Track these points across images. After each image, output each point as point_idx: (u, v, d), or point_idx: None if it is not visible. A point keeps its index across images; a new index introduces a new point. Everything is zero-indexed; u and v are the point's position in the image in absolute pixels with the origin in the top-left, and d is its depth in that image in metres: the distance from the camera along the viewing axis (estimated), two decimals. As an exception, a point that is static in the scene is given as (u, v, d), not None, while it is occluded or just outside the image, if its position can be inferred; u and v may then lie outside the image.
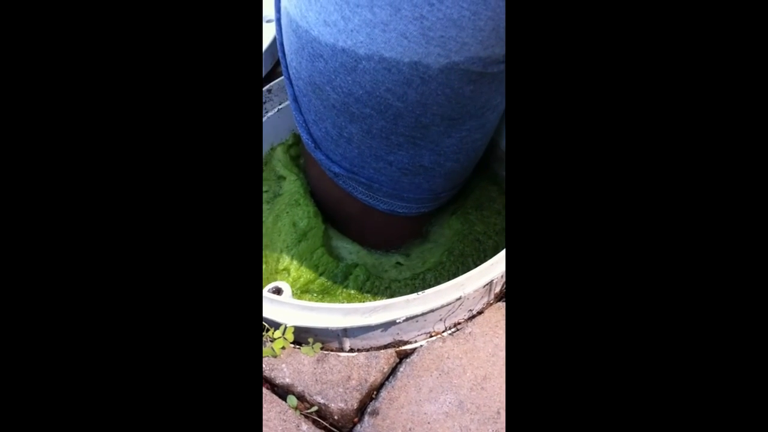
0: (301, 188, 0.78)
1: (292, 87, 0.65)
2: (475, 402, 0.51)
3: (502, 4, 0.49)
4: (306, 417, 0.51)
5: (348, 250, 0.80)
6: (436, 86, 0.55)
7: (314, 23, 0.55)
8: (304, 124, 0.66)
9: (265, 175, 0.85)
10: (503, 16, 0.50)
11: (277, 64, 0.90)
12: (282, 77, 0.78)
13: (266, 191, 0.83)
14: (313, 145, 0.67)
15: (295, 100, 0.65)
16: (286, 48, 0.63)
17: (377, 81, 0.55)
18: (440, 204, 0.77)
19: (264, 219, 0.77)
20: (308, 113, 0.65)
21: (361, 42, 0.53)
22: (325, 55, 0.56)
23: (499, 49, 0.54)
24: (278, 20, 0.65)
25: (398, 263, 0.81)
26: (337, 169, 0.68)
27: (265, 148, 0.85)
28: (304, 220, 0.74)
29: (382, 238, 0.79)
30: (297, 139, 0.86)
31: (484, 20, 0.50)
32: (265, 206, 0.81)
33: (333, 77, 0.57)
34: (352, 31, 0.53)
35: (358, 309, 0.54)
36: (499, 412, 0.50)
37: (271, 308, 0.56)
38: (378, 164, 0.65)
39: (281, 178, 0.83)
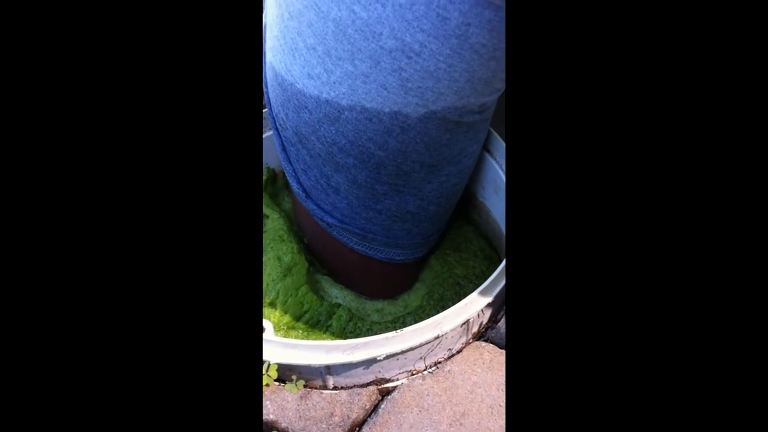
0: (284, 225, 0.81)
1: (280, 137, 0.69)
2: (454, 437, 0.54)
3: (477, 57, 0.54)
4: (290, 452, 0.54)
5: (332, 289, 0.83)
6: (415, 134, 0.60)
7: (299, 76, 0.59)
8: (293, 174, 0.70)
9: None
10: (478, 70, 0.55)
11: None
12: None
13: None
14: (303, 194, 0.71)
15: (284, 149, 0.69)
16: (273, 100, 0.67)
17: (359, 130, 0.60)
18: (431, 246, 0.81)
19: None
20: (297, 163, 0.69)
21: (344, 93, 0.57)
22: (310, 106, 0.60)
23: (474, 100, 0.58)
24: (264, 75, 0.69)
25: (380, 309, 0.84)
26: (329, 219, 0.71)
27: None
28: (288, 255, 0.78)
29: (384, 287, 0.82)
30: (272, 175, 0.90)
31: (459, 72, 0.54)
32: None
33: (317, 127, 0.62)
34: (334, 83, 0.57)
35: (340, 346, 0.58)
36: (477, 447, 0.53)
37: (256, 346, 0.59)
38: (368, 214, 0.69)
39: (264, 216, 0.86)
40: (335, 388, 0.61)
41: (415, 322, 0.80)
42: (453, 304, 0.82)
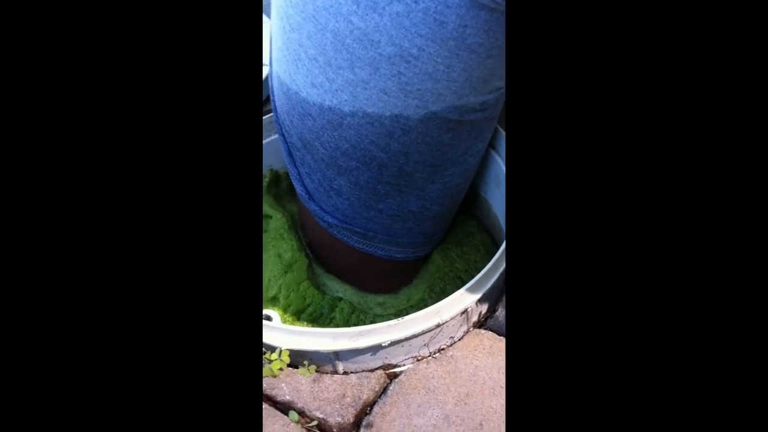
0: (285, 225, 0.87)
1: (286, 143, 0.74)
2: (460, 415, 0.61)
3: (474, 56, 0.58)
4: (308, 430, 0.61)
5: (333, 284, 0.88)
6: (416, 136, 0.64)
7: (303, 85, 0.64)
8: (298, 177, 0.75)
9: None
10: (476, 68, 0.59)
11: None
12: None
13: None
14: (307, 196, 0.76)
15: (290, 154, 0.74)
16: (279, 108, 0.72)
17: (361, 135, 0.64)
18: (434, 246, 0.86)
19: None
20: (301, 166, 0.74)
21: (346, 100, 0.62)
22: (313, 113, 0.65)
23: (474, 98, 0.63)
24: (271, 84, 0.74)
25: (383, 302, 0.90)
26: (330, 219, 0.76)
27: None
28: (288, 253, 0.84)
29: (383, 284, 0.87)
30: (274, 177, 0.96)
31: (457, 72, 0.59)
32: None
33: (321, 133, 0.66)
34: (336, 90, 0.62)
35: (346, 333, 0.64)
36: (481, 424, 0.60)
37: (265, 333, 0.66)
38: (369, 213, 0.74)
39: (267, 216, 0.91)
40: (344, 373, 0.67)
41: (418, 314, 0.87)
42: (454, 297, 0.89)
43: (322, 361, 0.67)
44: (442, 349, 0.68)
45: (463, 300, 0.67)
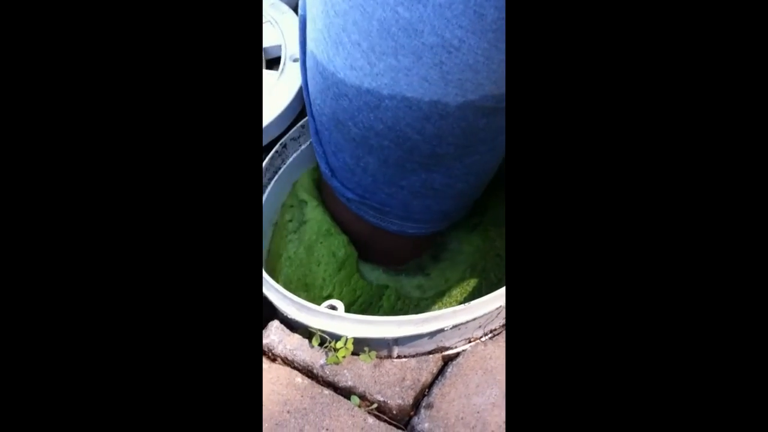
0: (327, 217, 0.88)
1: (315, 122, 0.77)
2: (517, 394, 0.63)
3: None
4: (369, 413, 0.64)
5: (371, 271, 0.91)
6: (452, 121, 0.66)
7: (341, 67, 0.66)
8: (323, 155, 0.78)
9: (289, 201, 0.96)
10: None
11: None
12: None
13: (290, 221, 0.93)
14: (329, 173, 0.79)
15: (317, 133, 0.77)
16: (311, 87, 0.74)
17: (398, 117, 0.66)
18: (450, 224, 0.88)
19: (296, 249, 0.89)
20: (328, 145, 0.77)
21: (386, 84, 0.64)
22: (350, 94, 0.67)
23: None
24: (303, 62, 0.76)
25: (420, 285, 0.93)
26: (350, 195, 0.79)
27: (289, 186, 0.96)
28: (341, 250, 0.85)
29: (390, 257, 0.90)
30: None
31: (497, 63, 0.61)
32: (292, 236, 0.91)
33: (356, 114, 0.69)
34: (377, 74, 0.64)
35: (411, 320, 0.67)
36: (537, 402, 0.63)
37: (332, 323, 0.68)
38: (390, 189, 0.76)
39: (302, 202, 0.93)
40: (398, 357, 0.70)
41: (461, 294, 0.89)
42: (495, 274, 0.91)
43: (379, 347, 0.69)
44: (495, 330, 0.71)
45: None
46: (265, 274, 0.74)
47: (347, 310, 0.84)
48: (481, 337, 0.70)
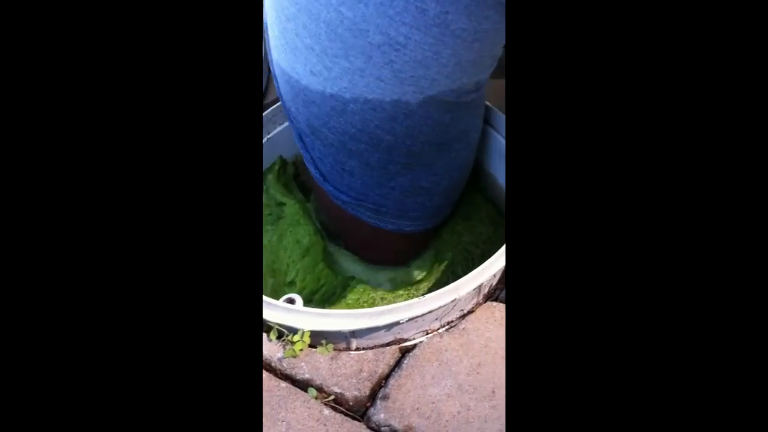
0: (300, 210, 0.90)
1: (296, 129, 0.76)
2: (473, 384, 0.64)
3: (460, 41, 0.60)
4: (325, 404, 0.64)
5: (347, 263, 0.92)
6: (418, 119, 0.67)
7: (303, 74, 0.66)
8: (311, 161, 0.78)
9: (265, 201, 0.97)
10: (464, 53, 0.61)
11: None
12: (267, 111, 0.91)
13: (269, 214, 0.95)
14: (321, 178, 0.79)
15: (300, 139, 0.76)
16: (284, 96, 0.74)
17: (366, 120, 0.66)
18: (443, 218, 0.89)
19: (270, 238, 0.90)
20: (313, 151, 0.76)
21: (345, 87, 0.64)
22: (317, 101, 0.67)
23: (467, 80, 0.65)
24: (273, 71, 0.75)
25: (392, 278, 0.93)
26: (345, 198, 0.79)
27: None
28: (306, 238, 0.87)
29: (393, 255, 0.91)
30: (284, 163, 0.98)
31: (446, 57, 0.61)
32: (269, 227, 0.93)
33: (327, 120, 0.68)
34: (335, 78, 0.64)
35: (366, 313, 0.67)
36: (494, 392, 0.63)
37: (289, 316, 0.69)
38: (382, 191, 0.76)
39: (281, 204, 0.94)
40: (357, 349, 0.70)
41: (427, 287, 0.90)
42: (461, 269, 0.92)
43: (337, 339, 0.70)
44: (452, 322, 0.71)
45: (481, 276, 0.70)
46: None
47: (310, 298, 0.85)
48: (438, 329, 0.71)
